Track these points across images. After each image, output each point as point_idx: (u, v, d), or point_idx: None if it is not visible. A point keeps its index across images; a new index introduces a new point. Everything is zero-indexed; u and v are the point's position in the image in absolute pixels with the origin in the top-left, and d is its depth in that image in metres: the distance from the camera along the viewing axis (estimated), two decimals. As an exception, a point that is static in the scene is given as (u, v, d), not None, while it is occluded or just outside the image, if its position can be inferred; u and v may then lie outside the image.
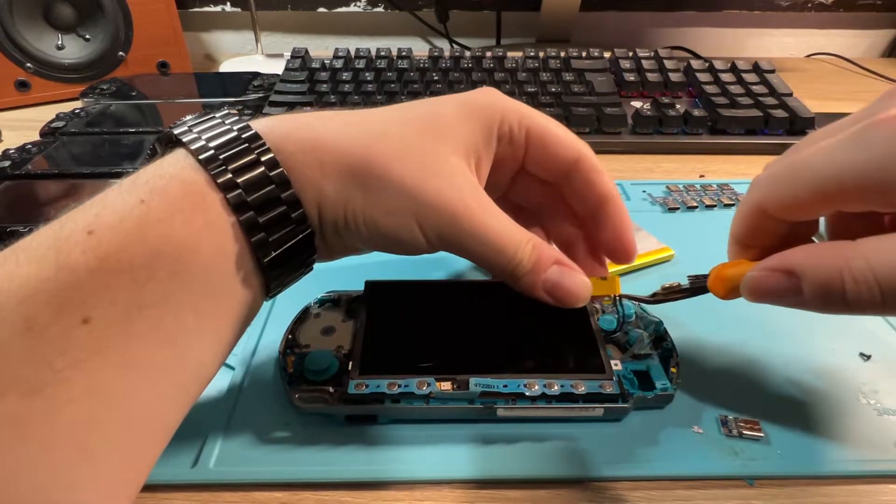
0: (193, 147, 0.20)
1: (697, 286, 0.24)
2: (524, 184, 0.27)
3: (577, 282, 0.24)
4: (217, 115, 0.22)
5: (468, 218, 0.22)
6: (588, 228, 0.27)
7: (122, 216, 0.18)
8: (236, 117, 0.22)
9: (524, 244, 0.23)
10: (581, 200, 0.26)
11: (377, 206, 0.22)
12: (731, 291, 0.23)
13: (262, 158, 0.20)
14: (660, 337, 0.28)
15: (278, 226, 0.21)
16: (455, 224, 0.22)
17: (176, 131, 0.21)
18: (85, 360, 0.16)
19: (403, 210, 0.22)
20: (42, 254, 0.17)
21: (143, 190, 0.19)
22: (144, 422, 0.18)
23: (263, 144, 0.21)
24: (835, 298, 0.18)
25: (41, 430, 0.15)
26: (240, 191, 0.20)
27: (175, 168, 0.20)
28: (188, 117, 0.22)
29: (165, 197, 0.19)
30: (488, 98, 0.25)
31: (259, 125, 0.22)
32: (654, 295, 0.26)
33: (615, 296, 0.26)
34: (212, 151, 0.20)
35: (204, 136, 0.21)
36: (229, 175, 0.20)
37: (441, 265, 0.34)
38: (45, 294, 0.16)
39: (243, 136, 0.21)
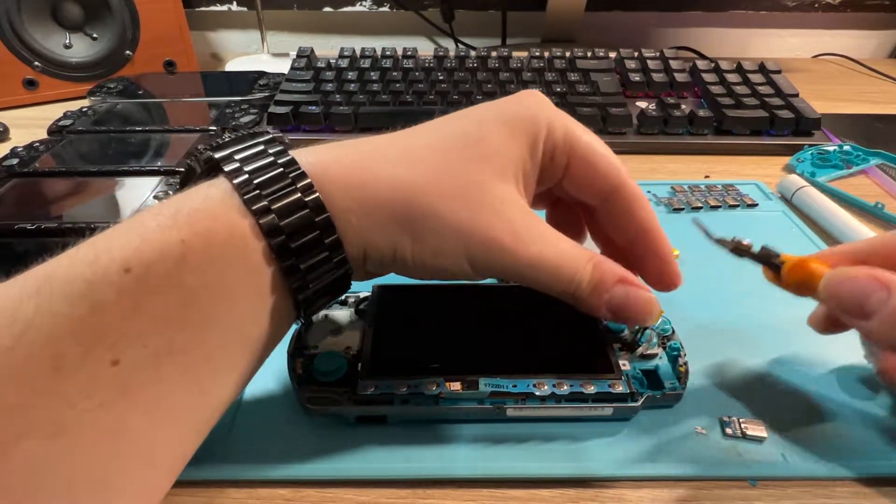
0: (237, 181, 0.20)
1: (768, 258, 0.24)
2: (562, 190, 0.26)
3: (644, 300, 0.22)
4: (260, 141, 0.21)
5: (520, 251, 0.21)
6: (627, 252, 0.25)
7: (162, 254, 0.17)
8: (280, 147, 0.21)
9: (583, 265, 0.22)
10: (618, 228, 0.25)
11: (426, 248, 0.21)
12: (802, 284, 0.23)
13: (307, 199, 0.20)
14: (666, 336, 0.28)
15: (318, 270, 0.20)
16: (509, 257, 0.21)
17: (217, 155, 0.20)
18: (112, 401, 0.16)
19: (454, 251, 0.21)
20: (76, 288, 0.17)
21: (185, 228, 0.18)
22: (166, 459, 0.18)
23: (310, 186, 0.20)
24: None
25: (65, 471, 0.15)
26: (284, 237, 0.19)
27: (218, 208, 0.19)
28: (230, 138, 0.21)
29: (208, 241, 0.18)
30: (533, 107, 0.23)
31: (304, 160, 0.21)
32: (721, 240, 0.25)
33: None
34: (256, 191, 0.19)
35: (247, 168, 0.20)
36: (273, 217, 0.19)
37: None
38: (75, 334, 0.16)
39: (289, 174, 0.20)
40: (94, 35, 0.63)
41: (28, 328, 0.16)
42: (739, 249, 0.25)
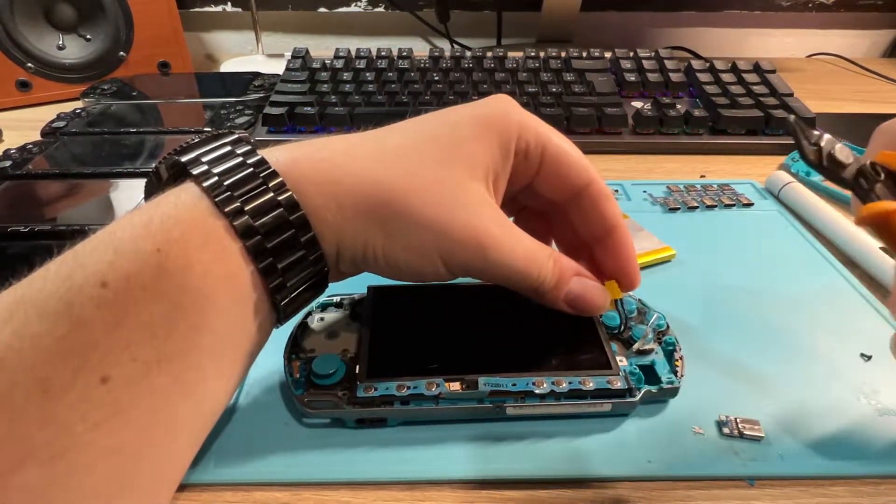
0: (206, 184, 0.19)
1: (862, 190, 0.21)
2: (531, 194, 0.27)
3: (599, 290, 0.25)
4: (226, 142, 0.21)
5: (494, 249, 0.22)
6: (592, 250, 0.27)
7: (139, 266, 0.17)
8: (248, 147, 0.21)
9: (546, 261, 0.23)
10: (586, 225, 0.26)
11: (398, 245, 0.21)
12: (880, 231, 0.20)
13: (280, 198, 0.20)
14: (661, 332, 0.28)
15: (296, 269, 0.20)
16: (481, 256, 0.22)
17: (183, 159, 0.20)
18: (106, 420, 0.16)
19: (425, 247, 0.22)
20: (53, 308, 0.16)
21: (159, 237, 0.18)
22: (165, 472, 0.18)
23: (282, 184, 0.20)
24: None
25: (65, 496, 0.15)
26: (259, 237, 0.19)
27: (191, 213, 0.19)
28: (194, 141, 0.21)
29: (184, 246, 0.18)
30: (504, 110, 0.24)
31: (274, 160, 0.21)
32: (817, 154, 0.22)
33: (615, 300, 0.26)
34: (227, 193, 0.19)
35: (216, 170, 0.20)
36: (247, 218, 0.19)
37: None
38: (60, 355, 0.16)
39: (260, 173, 0.20)
40: (88, 36, 0.63)
41: (8, 354, 0.15)
42: (836, 178, 0.21)
